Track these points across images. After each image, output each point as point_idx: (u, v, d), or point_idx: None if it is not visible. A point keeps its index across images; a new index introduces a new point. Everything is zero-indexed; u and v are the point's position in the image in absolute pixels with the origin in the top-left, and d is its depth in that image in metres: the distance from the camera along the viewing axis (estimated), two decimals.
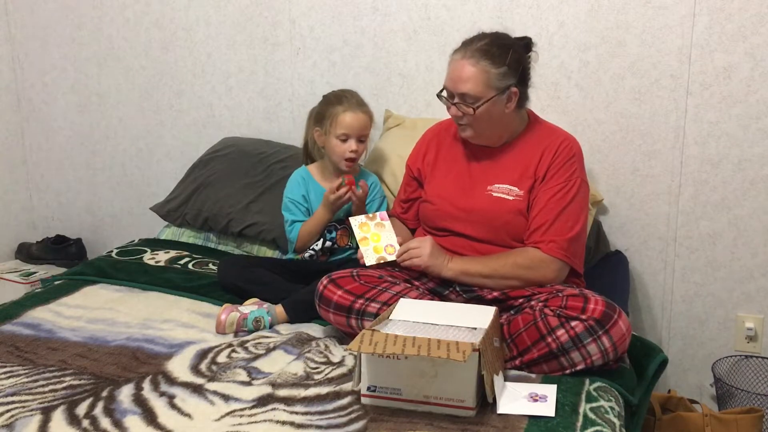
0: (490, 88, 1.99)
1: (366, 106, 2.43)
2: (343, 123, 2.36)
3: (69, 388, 1.75)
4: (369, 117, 2.42)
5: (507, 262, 2.01)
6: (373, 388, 1.67)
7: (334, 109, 2.39)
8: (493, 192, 2.08)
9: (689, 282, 2.60)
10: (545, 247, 2.00)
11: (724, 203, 2.51)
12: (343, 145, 2.37)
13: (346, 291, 1.99)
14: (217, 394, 1.73)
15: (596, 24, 2.52)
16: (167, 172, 3.21)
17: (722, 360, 2.58)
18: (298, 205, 2.44)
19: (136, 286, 2.37)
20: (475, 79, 1.98)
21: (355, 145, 2.37)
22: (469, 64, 1.99)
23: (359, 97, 2.44)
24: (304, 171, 2.51)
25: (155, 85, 3.17)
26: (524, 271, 1.99)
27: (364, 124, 2.39)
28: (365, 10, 2.79)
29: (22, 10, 3.29)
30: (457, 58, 2.02)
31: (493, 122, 2.05)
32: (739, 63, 2.41)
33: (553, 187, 2.04)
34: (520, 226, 2.06)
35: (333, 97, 2.43)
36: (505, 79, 2.01)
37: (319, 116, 2.43)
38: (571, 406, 1.67)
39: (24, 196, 3.48)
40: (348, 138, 2.37)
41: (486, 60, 1.98)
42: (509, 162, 2.11)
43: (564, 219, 2.02)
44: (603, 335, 1.77)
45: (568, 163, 2.06)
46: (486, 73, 1.98)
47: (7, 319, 2.12)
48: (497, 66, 1.99)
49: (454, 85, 2.02)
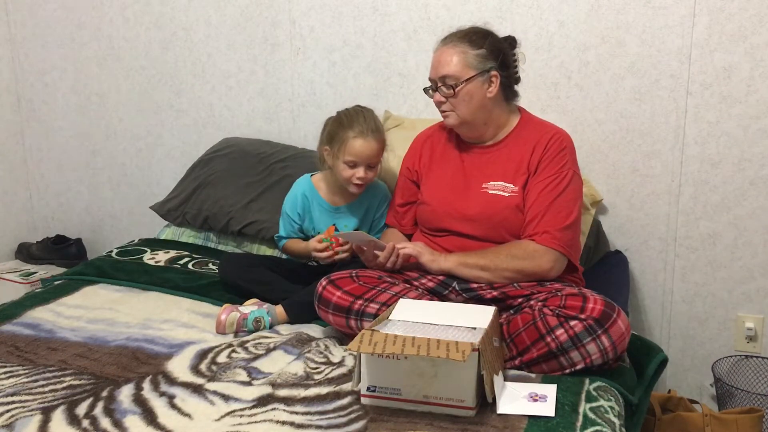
0: (468, 67, 2.05)
1: (379, 132, 2.25)
2: (352, 150, 2.21)
3: (69, 388, 1.75)
4: (381, 144, 2.24)
5: (502, 253, 2.02)
6: (373, 388, 1.67)
7: (345, 133, 2.22)
8: (488, 189, 2.09)
9: (689, 282, 2.60)
10: (539, 238, 2.01)
11: (724, 203, 2.51)
12: (350, 171, 2.24)
13: (345, 292, 1.99)
14: (217, 394, 1.73)
15: (596, 24, 2.52)
16: (167, 172, 3.22)
17: (722, 360, 2.57)
18: (292, 223, 2.39)
19: (136, 286, 2.37)
20: (454, 61, 2.06)
21: (363, 173, 2.23)
22: (448, 48, 2.08)
23: (374, 121, 2.26)
24: (308, 185, 2.40)
25: (155, 85, 3.17)
26: (520, 262, 1.99)
27: (375, 152, 2.23)
28: (365, 10, 2.79)
29: (22, 10, 3.29)
30: (438, 47, 2.11)
31: (474, 106, 2.08)
32: (739, 63, 2.41)
33: (545, 179, 2.05)
34: (518, 222, 2.06)
35: (345, 118, 2.26)
36: (485, 61, 2.06)
37: (330, 136, 2.27)
38: (570, 405, 1.67)
39: (24, 196, 3.48)
40: (356, 165, 2.23)
41: (464, 43, 2.07)
42: (503, 159, 2.12)
43: (556, 210, 2.03)
44: (602, 335, 1.77)
45: (558, 155, 2.07)
46: (464, 53, 2.06)
47: (7, 319, 2.12)
48: (475, 48, 2.06)
49: (435, 71, 2.09)
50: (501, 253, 2.02)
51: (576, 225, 2.07)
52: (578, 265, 2.11)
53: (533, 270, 2.00)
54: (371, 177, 2.28)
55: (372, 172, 2.27)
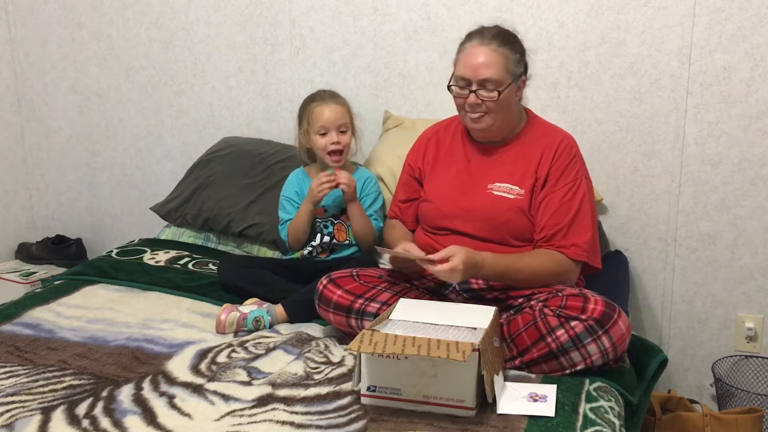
0: (509, 73, 2.02)
1: (339, 98, 2.45)
2: (318, 117, 2.39)
3: (69, 388, 1.75)
4: (343, 107, 2.43)
5: (540, 269, 1.98)
6: (373, 388, 1.67)
7: (308, 106, 2.44)
8: (493, 190, 2.08)
9: (689, 282, 2.60)
10: (569, 251, 2.00)
11: (724, 203, 2.51)
12: (323, 139, 2.39)
13: (345, 291, 1.99)
14: (217, 394, 1.73)
15: (596, 24, 2.52)
16: (167, 172, 3.22)
17: (722, 360, 2.57)
18: (291, 203, 2.46)
19: (136, 286, 2.37)
20: (498, 64, 1.99)
21: (336, 137, 2.38)
22: (490, 50, 2.00)
23: (333, 92, 2.47)
24: (300, 171, 2.53)
25: (155, 85, 3.17)
26: (553, 277, 1.99)
27: (340, 114, 2.40)
28: (365, 10, 2.79)
29: (22, 10, 3.29)
30: (474, 44, 2.02)
31: (508, 110, 2.06)
32: (739, 63, 2.41)
33: (563, 188, 2.04)
34: (521, 224, 2.06)
35: (308, 98, 2.49)
36: (519, 66, 2.05)
37: (299, 118, 2.48)
38: (570, 406, 1.67)
39: (24, 196, 3.48)
40: (327, 131, 2.39)
41: (505, 46, 2.01)
42: (509, 160, 2.11)
43: (580, 221, 2.03)
44: (603, 335, 1.77)
45: (571, 163, 2.07)
46: (506, 58, 2.01)
47: (7, 319, 2.12)
48: (514, 52, 2.03)
49: (475, 72, 2.00)
50: (539, 268, 1.98)
51: (596, 229, 2.10)
52: (600, 267, 2.11)
53: (563, 281, 2.01)
54: (346, 141, 2.41)
55: (345, 136, 2.41)
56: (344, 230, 2.42)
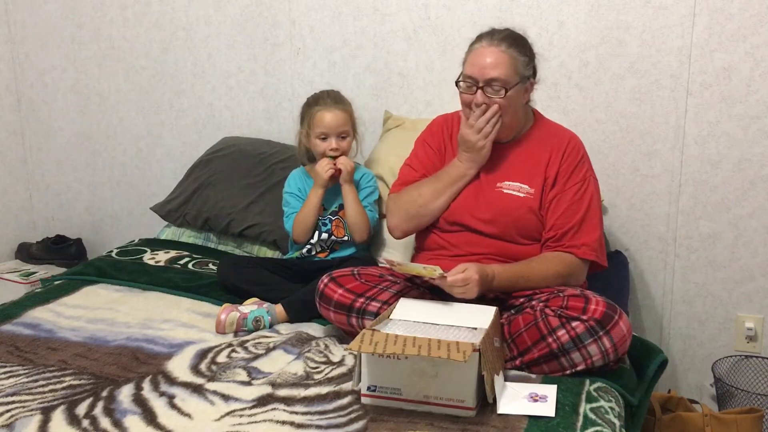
0: (516, 74, 2.03)
1: (343, 103, 2.45)
2: (320, 122, 2.40)
3: (69, 388, 1.75)
4: (346, 113, 2.43)
5: (549, 274, 1.99)
6: (373, 388, 1.67)
7: (311, 109, 2.44)
8: (503, 189, 2.09)
9: (689, 282, 2.60)
10: (579, 251, 2.02)
11: (724, 203, 2.51)
12: (323, 144, 2.41)
13: (346, 289, 1.99)
14: (217, 394, 1.73)
15: (596, 24, 2.52)
16: (167, 172, 3.21)
17: (722, 360, 2.57)
18: (295, 197, 2.47)
19: (136, 286, 2.37)
20: (505, 65, 2.01)
21: (335, 143, 2.40)
22: (499, 50, 2.01)
23: (337, 95, 2.47)
24: (300, 170, 2.54)
25: (155, 85, 3.17)
26: (563, 279, 2.00)
27: (341, 121, 2.41)
28: (365, 10, 2.79)
29: (22, 10, 3.28)
30: (484, 45, 2.04)
31: (512, 111, 2.07)
32: (739, 63, 2.41)
33: (572, 187, 2.06)
34: (530, 223, 2.07)
35: (311, 99, 2.49)
36: (527, 68, 2.06)
37: (301, 118, 2.49)
38: (571, 406, 1.67)
39: (24, 196, 3.48)
40: (327, 136, 2.40)
41: (514, 48, 2.03)
42: (518, 159, 2.12)
43: (589, 220, 2.05)
44: (604, 336, 1.77)
45: (579, 164, 2.09)
46: (515, 59, 2.02)
47: (7, 319, 2.12)
48: (523, 54, 2.04)
49: (482, 72, 2.02)
50: (548, 274, 1.99)
51: (602, 228, 2.12)
52: (606, 265, 2.13)
53: (573, 282, 2.02)
54: (345, 147, 2.43)
55: (344, 142, 2.42)
56: (342, 226, 2.43)
